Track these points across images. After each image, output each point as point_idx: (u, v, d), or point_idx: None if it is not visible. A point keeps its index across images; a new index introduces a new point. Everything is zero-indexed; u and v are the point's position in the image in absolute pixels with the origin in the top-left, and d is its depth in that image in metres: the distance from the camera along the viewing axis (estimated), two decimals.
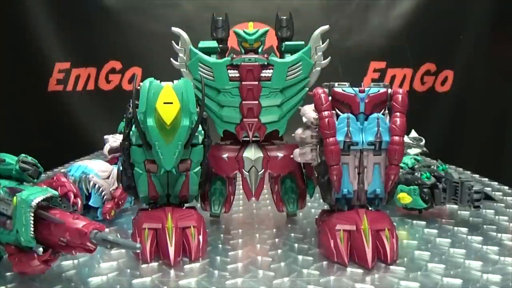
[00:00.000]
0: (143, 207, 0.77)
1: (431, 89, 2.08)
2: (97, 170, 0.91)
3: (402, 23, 2.01)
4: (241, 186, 0.84)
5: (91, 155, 1.67)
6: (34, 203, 0.57)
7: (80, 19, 1.96)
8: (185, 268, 0.67)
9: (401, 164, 0.88)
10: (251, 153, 0.81)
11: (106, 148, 1.38)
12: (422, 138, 1.38)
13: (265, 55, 0.80)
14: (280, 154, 0.82)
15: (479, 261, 0.69)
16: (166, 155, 0.68)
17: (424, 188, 0.90)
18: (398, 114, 0.67)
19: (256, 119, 0.79)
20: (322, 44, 0.81)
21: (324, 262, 0.69)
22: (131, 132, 0.70)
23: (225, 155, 0.82)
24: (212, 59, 0.80)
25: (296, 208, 0.88)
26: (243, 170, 0.82)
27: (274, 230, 0.85)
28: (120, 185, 0.83)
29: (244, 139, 0.82)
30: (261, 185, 0.83)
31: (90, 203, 0.88)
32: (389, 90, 0.69)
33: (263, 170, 0.82)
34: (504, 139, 2.00)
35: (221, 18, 0.85)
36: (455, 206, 0.94)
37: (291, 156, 0.76)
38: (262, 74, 0.78)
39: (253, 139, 0.81)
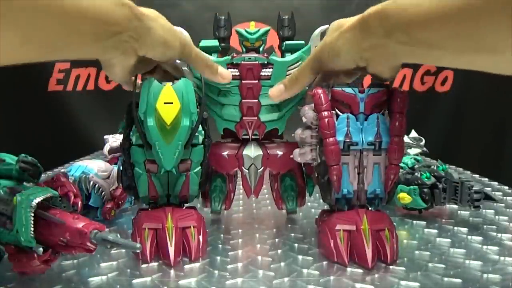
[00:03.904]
0: (143, 207, 0.77)
1: (431, 89, 2.08)
2: (97, 170, 0.91)
3: None
4: (241, 185, 0.84)
5: (91, 155, 1.68)
6: (34, 203, 0.57)
7: None
8: (185, 268, 0.67)
9: (401, 164, 0.88)
10: (251, 151, 0.81)
11: (106, 148, 1.38)
12: (422, 138, 1.39)
13: (265, 54, 0.80)
14: (279, 152, 0.82)
15: (479, 261, 0.69)
16: (166, 155, 0.68)
17: (424, 188, 0.90)
18: (398, 114, 0.67)
19: (256, 118, 0.79)
20: None
21: (324, 262, 0.69)
22: (131, 132, 0.70)
23: (225, 153, 0.82)
24: (213, 58, 0.80)
25: (296, 205, 0.88)
26: (242, 167, 0.82)
27: (274, 230, 0.85)
28: (120, 185, 0.83)
29: (244, 137, 0.82)
30: (260, 183, 0.83)
31: (90, 203, 0.88)
32: (389, 90, 0.69)
33: (262, 167, 0.82)
34: (504, 139, 2.00)
35: (223, 17, 0.86)
36: (455, 206, 0.94)
37: (291, 155, 0.76)
38: (262, 73, 0.78)
39: (253, 137, 0.81)
